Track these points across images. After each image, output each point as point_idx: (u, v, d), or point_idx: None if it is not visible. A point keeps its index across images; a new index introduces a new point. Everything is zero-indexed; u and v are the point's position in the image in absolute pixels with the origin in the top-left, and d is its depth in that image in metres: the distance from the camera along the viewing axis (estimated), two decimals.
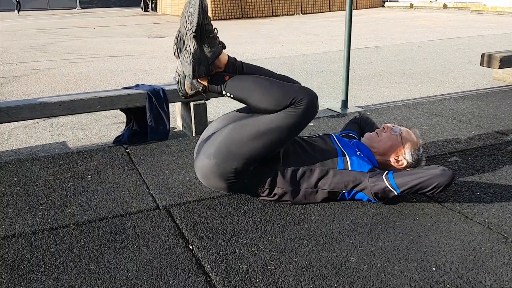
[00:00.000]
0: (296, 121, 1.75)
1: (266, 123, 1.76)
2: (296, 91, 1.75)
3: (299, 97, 1.73)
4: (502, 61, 3.98)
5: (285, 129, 1.75)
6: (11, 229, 1.75)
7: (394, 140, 1.92)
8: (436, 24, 10.44)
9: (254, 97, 1.77)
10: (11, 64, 6.65)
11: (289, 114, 1.74)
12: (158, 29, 12.32)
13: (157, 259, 1.54)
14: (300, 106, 1.73)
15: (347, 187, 1.83)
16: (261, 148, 1.77)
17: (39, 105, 2.54)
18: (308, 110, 1.74)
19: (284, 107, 1.74)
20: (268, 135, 1.75)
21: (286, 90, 1.75)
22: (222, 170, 1.82)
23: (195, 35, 1.71)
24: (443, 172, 1.71)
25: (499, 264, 1.47)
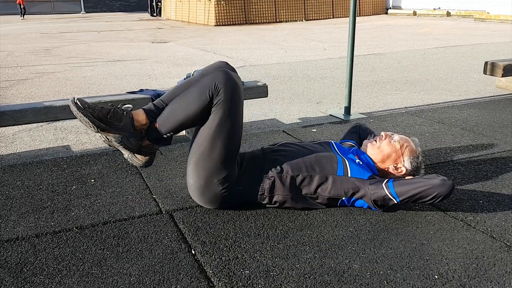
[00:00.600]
0: (229, 106, 1.76)
1: (209, 128, 1.78)
2: (206, 83, 1.76)
3: (212, 85, 1.74)
4: (505, 70, 3.98)
5: (227, 119, 1.76)
6: (14, 232, 1.75)
7: (393, 148, 1.94)
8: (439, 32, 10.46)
9: (181, 116, 1.79)
10: (16, 67, 6.69)
11: (219, 106, 1.75)
12: (162, 34, 12.38)
13: (159, 263, 1.54)
14: (220, 92, 1.74)
15: (347, 194, 1.83)
16: (224, 148, 1.77)
17: (44, 108, 2.55)
18: (228, 88, 1.75)
19: (208, 102, 1.75)
20: (219, 135, 1.77)
21: (199, 89, 1.77)
22: (208, 187, 1.82)
23: (100, 129, 1.77)
24: (443, 182, 1.71)
25: (502, 272, 1.47)
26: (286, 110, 3.94)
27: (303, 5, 16.45)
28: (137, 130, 1.83)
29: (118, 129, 1.79)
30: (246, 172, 1.86)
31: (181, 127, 1.82)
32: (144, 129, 1.85)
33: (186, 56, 7.69)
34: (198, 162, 1.80)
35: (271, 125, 3.45)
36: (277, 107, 4.03)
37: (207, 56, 7.65)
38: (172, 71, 6.15)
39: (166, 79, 5.61)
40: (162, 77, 5.75)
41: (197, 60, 7.21)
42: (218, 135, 1.77)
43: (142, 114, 1.85)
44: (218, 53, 7.95)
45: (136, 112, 1.84)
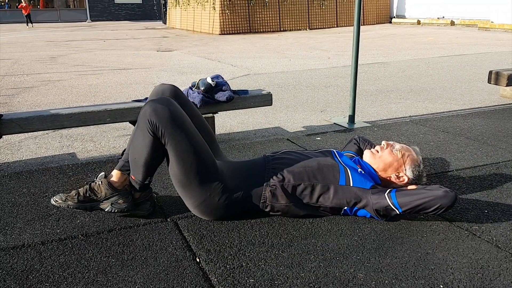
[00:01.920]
0: (175, 131, 1.77)
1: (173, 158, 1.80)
2: (142, 124, 1.78)
3: (147, 124, 1.76)
4: (510, 79, 3.98)
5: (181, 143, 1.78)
6: (20, 239, 1.76)
7: (394, 157, 1.94)
8: (443, 41, 10.48)
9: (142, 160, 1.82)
10: (22, 75, 6.74)
11: (167, 137, 1.77)
12: (167, 42, 12.47)
13: (164, 271, 1.54)
14: (158, 126, 1.76)
15: (349, 204, 1.83)
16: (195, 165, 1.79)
17: (50, 116, 2.57)
18: (162, 117, 1.75)
19: (155, 138, 1.78)
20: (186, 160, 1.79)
21: (140, 133, 1.80)
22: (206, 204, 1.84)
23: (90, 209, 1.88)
24: (446, 194, 1.72)
25: (507, 282, 1.46)
26: (290, 118, 3.95)
27: (307, 14, 16.54)
28: (120, 189, 1.89)
29: (104, 200, 1.87)
30: (248, 179, 1.86)
31: (150, 169, 1.87)
32: (127, 185, 1.91)
33: (191, 65, 7.74)
34: (183, 191, 1.85)
35: (275, 133, 3.46)
36: (281, 115, 4.05)
37: (211, 64, 7.70)
38: (177, 80, 6.19)
39: None
40: None
41: (202, 68, 7.26)
42: (184, 161, 1.79)
43: (117, 174, 1.92)
44: (222, 62, 8.00)
45: (110, 175, 1.92)
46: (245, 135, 3.44)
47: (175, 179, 1.84)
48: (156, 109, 1.77)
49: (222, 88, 2.95)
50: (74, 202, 1.85)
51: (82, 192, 1.86)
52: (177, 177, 1.83)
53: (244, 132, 3.53)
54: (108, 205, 1.87)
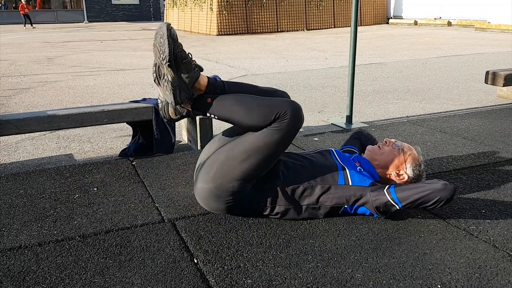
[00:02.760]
0: (283, 135, 1.75)
1: (254, 142, 1.76)
2: (279, 106, 1.74)
3: (282, 111, 1.72)
4: (507, 79, 3.99)
5: (274, 145, 1.76)
6: (17, 240, 1.76)
7: (395, 154, 1.94)
8: (441, 41, 10.50)
9: (238, 116, 1.78)
10: (19, 76, 6.73)
11: (275, 130, 1.74)
12: None
13: (162, 272, 1.54)
14: (285, 120, 1.73)
15: (349, 202, 1.83)
16: (254, 166, 1.77)
17: (47, 117, 2.57)
18: (293, 122, 1.74)
19: (269, 122, 1.73)
20: (258, 153, 1.76)
21: (269, 105, 1.75)
22: (220, 193, 1.82)
23: (170, 64, 1.74)
24: (445, 187, 1.71)
25: (505, 282, 1.46)
26: None
27: (304, 14, 16.56)
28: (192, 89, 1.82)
29: (181, 76, 1.76)
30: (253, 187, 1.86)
31: (228, 121, 1.82)
32: (195, 93, 1.84)
33: None
34: (222, 166, 1.79)
35: None
36: None
37: (209, 65, 7.69)
38: None
39: None
40: None
41: None
42: (257, 153, 1.76)
43: (205, 82, 1.84)
44: (220, 62, 7.99)
45: (202, 76, 1.83)
46: None
47: (227, 153, 1.78)
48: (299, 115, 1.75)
49: None
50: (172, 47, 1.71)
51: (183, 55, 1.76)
52: (233, 154, 1.77)
53: None
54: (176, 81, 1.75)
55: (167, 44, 1.70)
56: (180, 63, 1.75)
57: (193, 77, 1.79)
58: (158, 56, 1.76)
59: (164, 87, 1.78)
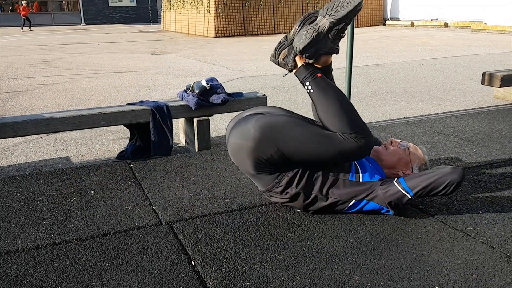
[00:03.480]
0: (345, 151, 1.76)
1: (322, 134, 1.78)
2: (362, 127, 1.79)
3: (362, 133, 1.77)
4: (503, 80, 4.00)
5: (332, 151, 1.77)
6: (14, 244, 1.75)
7: (402, 154, 1.95)
8: (437, 43, 10.54)
9: (328, 106, 1.80)
10: (16, 79, 6.71)
11: (344, 140, 1.76)
12: (162, 45, 12.45)
13: (159, 275, 1.54)
14: (357, 141, 1.75)
15: (358, 197, 1.84)
16: (303, 151, 1.77)
17: (44, 120, 2.56)
18: (362, 148, 1.77)
19: (344, 132, 1.76)
20: (318, 145, 1.77)
21: (356, 120, 1.79)
22: (258, 151, 1.78)
23: (334, 22, 1.77)
24: (454, 170, 1.73)
25: (502, 283, 1.47)
26: None
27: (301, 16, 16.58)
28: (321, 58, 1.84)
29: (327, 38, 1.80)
30: None
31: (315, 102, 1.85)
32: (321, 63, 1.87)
33: (186, 67, 7.73)
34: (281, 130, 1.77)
35: None
36: None
37: (206, 67, 7.69)
38: (172, 82, 6.18)
39: (166, 90, 5.63)
40: (162, 88, 5.78)
41: (196, 71, 7.25)
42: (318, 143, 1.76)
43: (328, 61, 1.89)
44: (217, 64, 8.00)
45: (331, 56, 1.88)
46: None
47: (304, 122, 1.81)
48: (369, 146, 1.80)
49: (217, 91, 2.95)
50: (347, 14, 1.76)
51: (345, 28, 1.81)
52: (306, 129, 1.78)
53: None
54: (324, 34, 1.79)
55: (349, 9, 1.75)
56: (337, 30, 1.79)
57: (332, 49, 1.83)
58: (328, 9, 1.79)
59: (306, 32, 1.80)
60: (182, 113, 2.91)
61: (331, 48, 1.83)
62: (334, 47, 1.84)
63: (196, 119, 2.90)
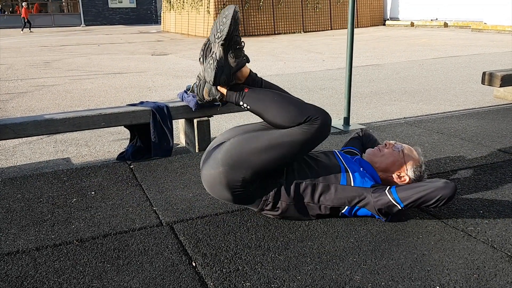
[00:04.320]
0: (308, 138, 1.77)
1: (279, 136, 1.78)
2: (311, 110, 1.78)
3: (314, 116, 1.75)
4: (503, 80, 4.00)
5: (297, 145, 1.77)
6: (14, 245, 1.75)
7: (396, 156, 1.94)
8: (437, 43, 10.54)
9: (270, 111, 1.80)
10: (16, 80, 6.72)
11: (303, 131, 1.76)
12: (162, 46, 12.46)
13: (160, 276, 1.54)
14: (314, 124, 1.75)
15: (350, 203, 1.84)
16: (271, 160, 1.78)
17: (44, 121, 2.56)
18: (322, 129, 1.76)
19: (298, 124, 1.76)
20: (280, 149, 1.77)
21: (302, 108, 1.79)
22: (229, 179, 1.80)
23: (223, 43, 1.78)
24: (446, 185, 1.72)
25: (503, 283, 1.47)
26: None
27: (301, 17, 16.58)
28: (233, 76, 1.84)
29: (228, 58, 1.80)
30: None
31: (259, 115, 1.84)
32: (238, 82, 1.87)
33: (186, 68, 7.73)
34: (242, 152, 1.78)
35: None
36: None
37: None
38: (172, 83, 6.18)
39: (166, 91, 5.63)
40: (162, 89, 5.78)
41: (197, 72, 7.25)
42: (280, 148, 1.77)
43: (246, 73, 1.88)
44: None
45: (245, 67, 1.87)
46: None
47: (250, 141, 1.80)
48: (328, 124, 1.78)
49: None
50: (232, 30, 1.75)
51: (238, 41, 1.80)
52: (256, 142, 1.78)
53: None
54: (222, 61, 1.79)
55: (228, 24, 1.75)
56: (232, 46, 1.79)
57: (239, 64, 1.83)
58: (214, 34, 1.80)
59: (209, 64, 1.81)
60: (182, 114, 2.91)
61: (238, 63, 1.83)
62: (241, 60, 1.84)
63: (197, 120, 2.90)
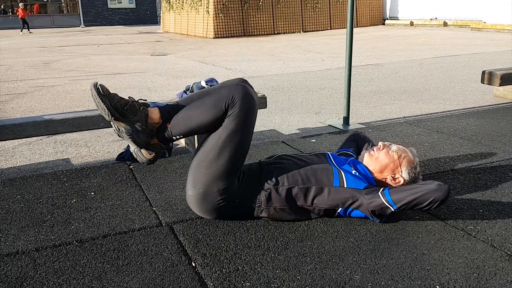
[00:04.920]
0: (242, 120, 1.78)
1: (218, 138, 1.80)
2: (225, 95, 1.79)
3: (230, 98, 1.77)
4: (503, 79, 4.00)
5: (237, 132, 1.78)
6: (14, 246, 1.75)
7: (390, 158, 1.94)
8: (436, 42, 10.53)
9: (195, 120, 1.82)
10: (15, 81, 6.71)
11: (231, 117, 1.78)
12: (161, 46, 12.46)
13: (160, 276, 1.54)
14: (235, 105, 1.77)
15: (344, 204, 1.83)
16: (229, 159, 1.79)
17: (44, 122, 2.56)
18: (244, 103, 1.77)
19: (223, 113, 1.78)
20: (227, 146, 1.78)
21: (216, 99, 1.80)
22: (208, 196, 1.82)
23: (115, 117, 1.81)
24: (439, 187, 1.71)
25: (503, 282, 1.46)
26: (285, 120, 3.95)
27: (300, 17, 16.58)
28: (148, 127, 1.86)
29: (131, 122, 1.83)
30: (243, 185, 1.86)
31: (192, 132, 1.86)
32: (155, 127, 1.89)
33: (186, 68, 7.73)
34: (202, 170, 1.81)
35: (270, 136, 3.46)
36: (276, 118, 4.05)
37: (206, 68, 7.69)
38: (172, 83, 6.18)
39: (165, 91, 5.63)
40: (162, 89, 5.78)
41: (196, 72, 7.25)
42: (227, 145, 1.79)
43: (157, 113, 1.88)
44: (217, 65, 8.00)
45: (151, 110, 1.88)
46: None
47: (203, 156, 1.81)
48: (246, 94, 1.78)
49: None
50: (109, 103, 1.78)
51: (123, 102, 1.82)
52: (209, 154, 1.80)
53: None
54: (129, 128, 1.83)
55: (101, 101, 1.78)
56: (123, 111, 1.81)
57: (142, 117, 1.85)
58: (103, 115, 1.83)
59: (125, 137, 1.86)
60: None
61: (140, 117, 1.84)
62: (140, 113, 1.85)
63: None
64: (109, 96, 1.80)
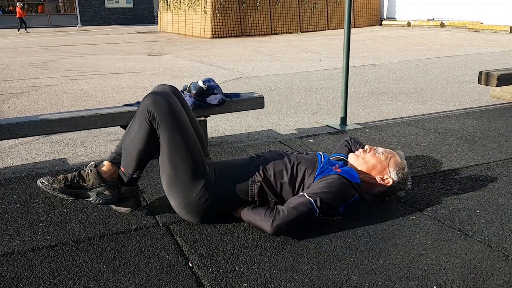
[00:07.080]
0: (169, 121, 1.79)
1: (163, 151, 1.82)
2: (141, 113, 1.81)
3: (145, 112, 1.80)
4: (500, 79, 4.01)
5: (174, 132, 1.80)
6: (10, 246, 1.74)
7: (377, 159, 1.98)
8: (434, 42, 10.56)
9: (135, 151, 1.84)
10: (12, 81, 6.69)
11: (161, 127, 1.79)
12: (159, 46, 12.44)
13: (156, 277, 1.53)
14: (154, 115, 1.79)
15: None
16: (186, 161, 1.80)
17: (40, 122, 2.55)
18: (160, 107, 1.79)
19: (151, 129, 1.80)
20: (175, 150, 1.80)
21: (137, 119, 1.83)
22: (192, 204, 1.82)
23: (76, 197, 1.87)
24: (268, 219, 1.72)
25: (500, 282, 1.47)
26: (282, 121, 3.95)
27: (298, 17, 16.59)
28: (108, 180, 1.90)
29: (90, 188, 1.87)
30: (231, 177, 1.87)
31: (141, 162, 1.88)
32: (115, 177, 1.92)
33: (183, 68, 7.72)
34: (170, 186, 1.83)
35: (267, 136, 3.46)
36: (274, 118, 4.05)
37: (203, 68, 7.69)
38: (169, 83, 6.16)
39: None
40: None
41: (194, 72, 7.24)
42: (175, 154, 1.81)
43: (107, 164, 1.93)
44: (214, 65, 7.99)
45: (101, 165, 1.93)
46: (237, 138, 3.43)
47: (164, 173, 1.84)
48: (156, 100, 1.80)
49: (213, 92, 2.95)
50: (60, 186, 1.83)
51: (70, 177, 1.86)
52: (166, 171, 1.82)
53: (237, 135, 3.52)
54: (94, 194, 1.87)
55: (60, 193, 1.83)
56: (75, 185, 1.86)
57: (95, 177, 1.89)
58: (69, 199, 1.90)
59: (102, 203, 1.90)
60: None
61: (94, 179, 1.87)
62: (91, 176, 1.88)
63: None
64: (56, 181, 1.83)
